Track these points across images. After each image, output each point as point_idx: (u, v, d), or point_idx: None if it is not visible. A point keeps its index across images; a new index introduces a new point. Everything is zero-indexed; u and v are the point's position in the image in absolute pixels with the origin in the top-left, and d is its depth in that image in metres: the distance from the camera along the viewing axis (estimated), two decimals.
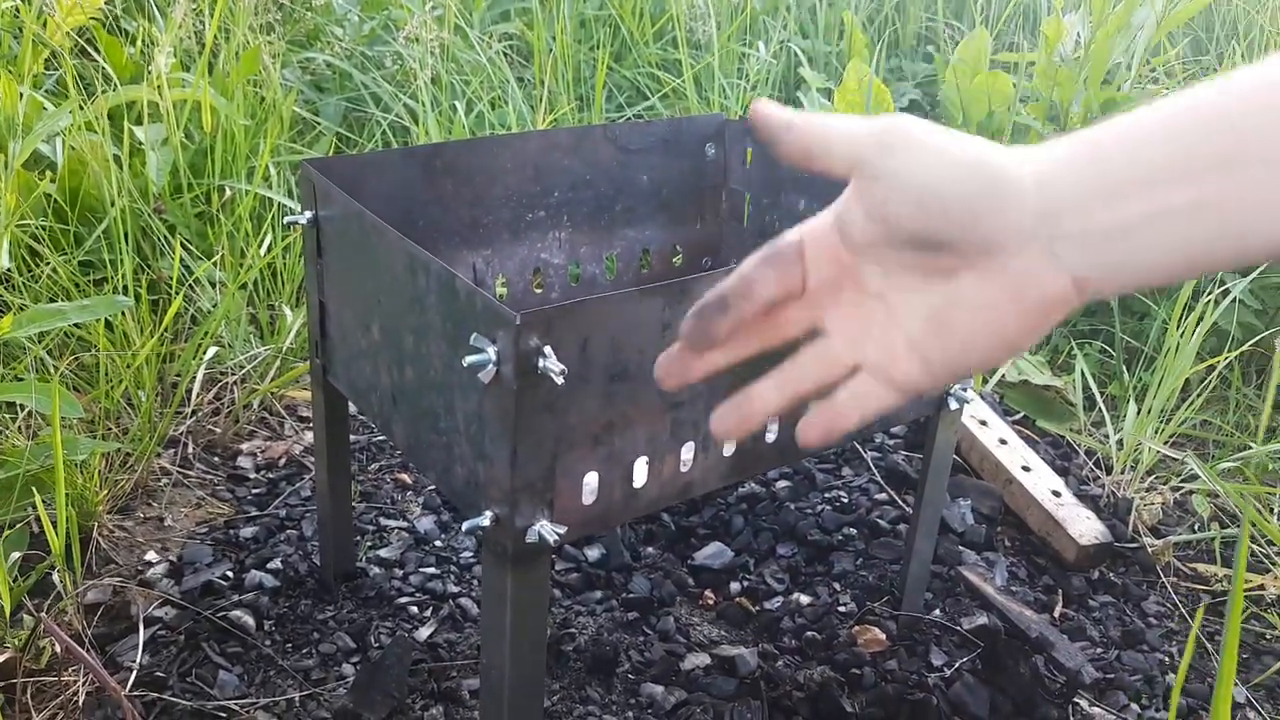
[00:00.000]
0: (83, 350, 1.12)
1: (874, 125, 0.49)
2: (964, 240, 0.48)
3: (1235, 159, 0.43)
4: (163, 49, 1.27)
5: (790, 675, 0.95)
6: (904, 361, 0.52)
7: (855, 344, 0.53)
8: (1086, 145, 0.47)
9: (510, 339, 0.60)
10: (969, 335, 0.50)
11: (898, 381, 0.52)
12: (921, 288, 0.50)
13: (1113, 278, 0.47)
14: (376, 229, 0.72)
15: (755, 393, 0.55)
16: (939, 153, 0.48)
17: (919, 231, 0.48)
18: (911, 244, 0.49)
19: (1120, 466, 1.32)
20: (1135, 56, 1.75)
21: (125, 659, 0.87)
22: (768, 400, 0.55)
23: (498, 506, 0.66)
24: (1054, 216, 0.46)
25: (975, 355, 0.51)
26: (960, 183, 0.47)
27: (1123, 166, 0.45)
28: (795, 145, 0.52)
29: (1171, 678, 1.03)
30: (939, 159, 0.48)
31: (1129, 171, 0.45)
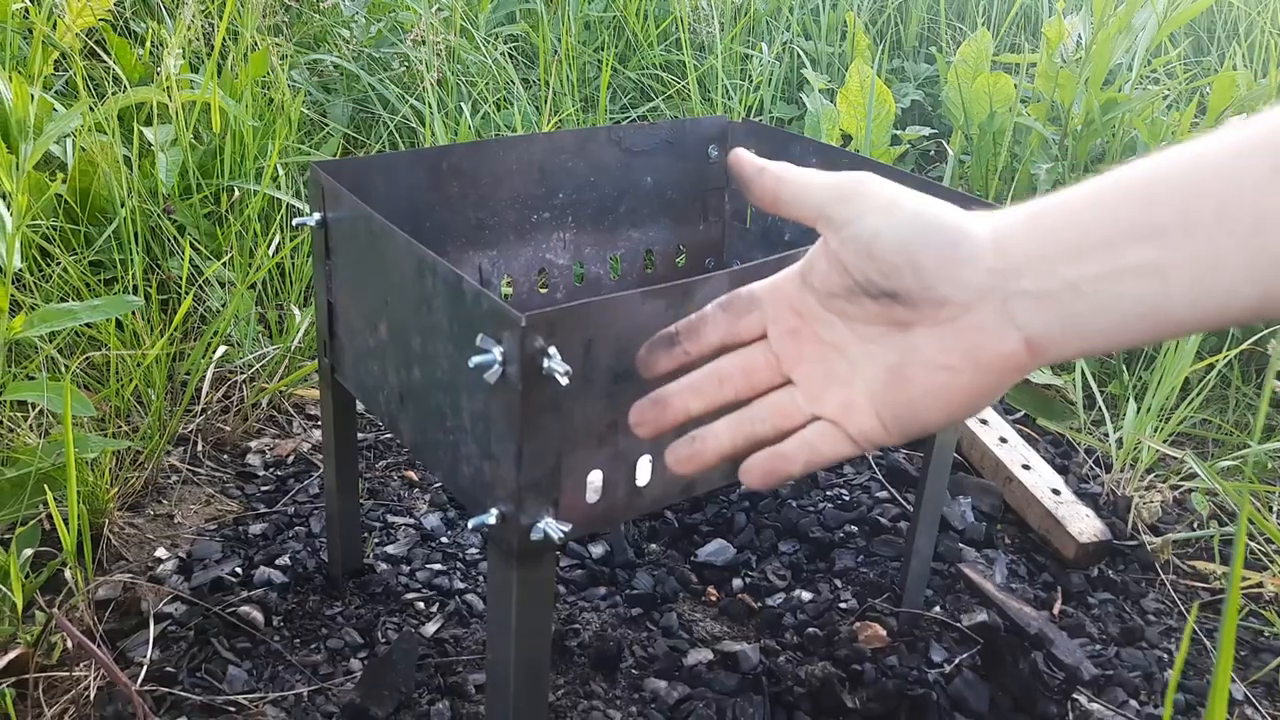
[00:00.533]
0: (93, 349, 1.13)
1: (836, 178, 0.52)
2: (914, 292, 0.49)
3: (1197, 221, 0.43)
4: (171, 51, 1.28)
5: (792, 671, 0.96)
6: (863, 415, 0.53)
7: (816, 395, 0.55)
8: (1047, 206, 0.48)
9: (516, 340, 0.61)
10: (925, 392, 0.51)
11: (854, 435, 0.54)
12: (880, 340, 0.52)
13: (1068, 339, 0.47)
14: (385, 231, 0.74)
15: (710, 431, 0.57)
16: (892, 205, 0.50)
17: (870, 280, 0.50)
18: (867, 293, 0.51)
19: (1120, 465, 1.33)
20: (1136, 58, 1.76)
21: (136, 654, 0.88)
22: (720, 439, 0.57)
23: (503, 504, 0.67)
24: (1010, 274, 0.47)
25: (931, 413, 0.51)
26: (910, 235, 0.49)
27: (1084, 226, 0.46)
28: (765, 191, 0.55)
29: (1170, 674, 1.04)
30: (892, 211, 0.50)
31: (1090, 231, 0.45)
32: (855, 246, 0.50)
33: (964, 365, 0.49)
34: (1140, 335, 0.46)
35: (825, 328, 0.54)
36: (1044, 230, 0.47)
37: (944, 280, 0.48)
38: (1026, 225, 0.47)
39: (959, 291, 0.48)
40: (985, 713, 0.94)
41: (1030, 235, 0.47)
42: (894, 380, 0.51)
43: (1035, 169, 1.76)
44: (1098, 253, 0.45)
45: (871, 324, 0.52)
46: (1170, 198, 0.43)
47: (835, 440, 0.54)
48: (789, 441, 0.56)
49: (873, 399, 0.52)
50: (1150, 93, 1.75)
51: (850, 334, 0.53)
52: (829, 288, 0.52)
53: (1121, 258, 0.44)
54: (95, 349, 1.13)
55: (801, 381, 0.55)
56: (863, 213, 0.50)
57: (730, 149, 1.11)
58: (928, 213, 0.49)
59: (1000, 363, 0.48)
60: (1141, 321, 0.45)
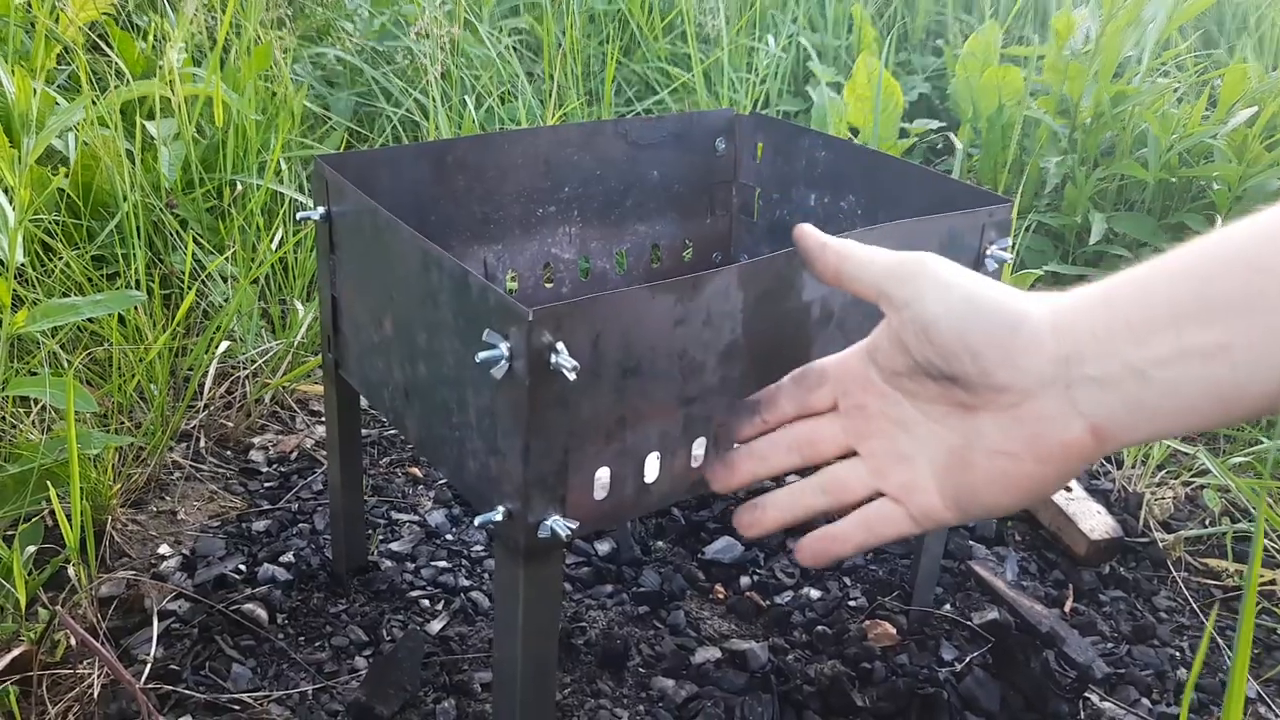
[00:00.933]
0: (96, 344, 1.12)
1: (897, 257, 0.52)
2: (973, 378, 0.48)
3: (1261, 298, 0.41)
4: (175, 44, 1.27)
5: (801, 669, 0.95)
6: (926, 495, 0.52)
7: (882, 469, 0.54)
8: (1109, 287, 0.46)
9: (523, 335, 0.60)
10: (988, 478, 0.49)
11: (916, 514, 0.53)
12: (944, 420, 0.51)
13: (1137, 425, 0.45)
14: (390, 225, 0.73)
15: (771, 500, 0.59)
16: (951, 288, 0.49)
17: (929, 363, 0.50)
18: (929, 375, 0.50)
19: (1131, 461, 1.32)
20: (1146, 50, 1.74)
21: (139, 652, 0.87)
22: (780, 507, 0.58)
23: (510, 501, 0.66)
24: (1074, 360, 0.46)
25: (994, 498, 0.50)
26: (968, 320, 0.48)
27: (1145, 308, 0.44)
28: (828, 267, 0.56)
29: (1183, 672, 1.03)
30: (950, 294, 0.49)
31: (1151, 312, 0.44)
32: (915, 329, 0.50)
33: (1026, 453, 0.48)
34: (1210, 417, 0.44)
35: (891, 404, 0.54)
36: (1105, 313, 0.45)
37: (1003, 367, 0.47)
38: (1087, 307, 0.46)
39: (1020, 378, 0.47)
40: (996, 712, 0.93)
41: (1091, 318, 0.46)
42: (957, 462, 0.51)
43: (1044, 163, 1.75)
44: (1161, 335, 0.43)
45: (936, 403, 0.51)
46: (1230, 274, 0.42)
47: (895, 519, 0.54)
48: (844, 521, 0.56)
49: (936, 479, 0.52)
50: (1160, 85, 1.73)
51: (916, 412, 0.52)
52: (893, 366, 0.53)
53: (1185, 339, 0.42)
54: (98, 344, 1.12)
55: (867, 455, 0.55)
56: (922, 294, 0.50)
57: (738, 142, 1.10)
58: (985, 295, 0.48)
59: (1063, 451, 0.47)
60: (1211, 403, 0.43)
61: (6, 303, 0.85)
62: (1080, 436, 0.46)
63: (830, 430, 0.57)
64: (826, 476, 0.57)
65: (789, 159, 1.05)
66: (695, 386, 0.70)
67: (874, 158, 0.97)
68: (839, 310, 0.75)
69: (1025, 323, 0.47)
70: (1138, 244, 1.71)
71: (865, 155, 0.98)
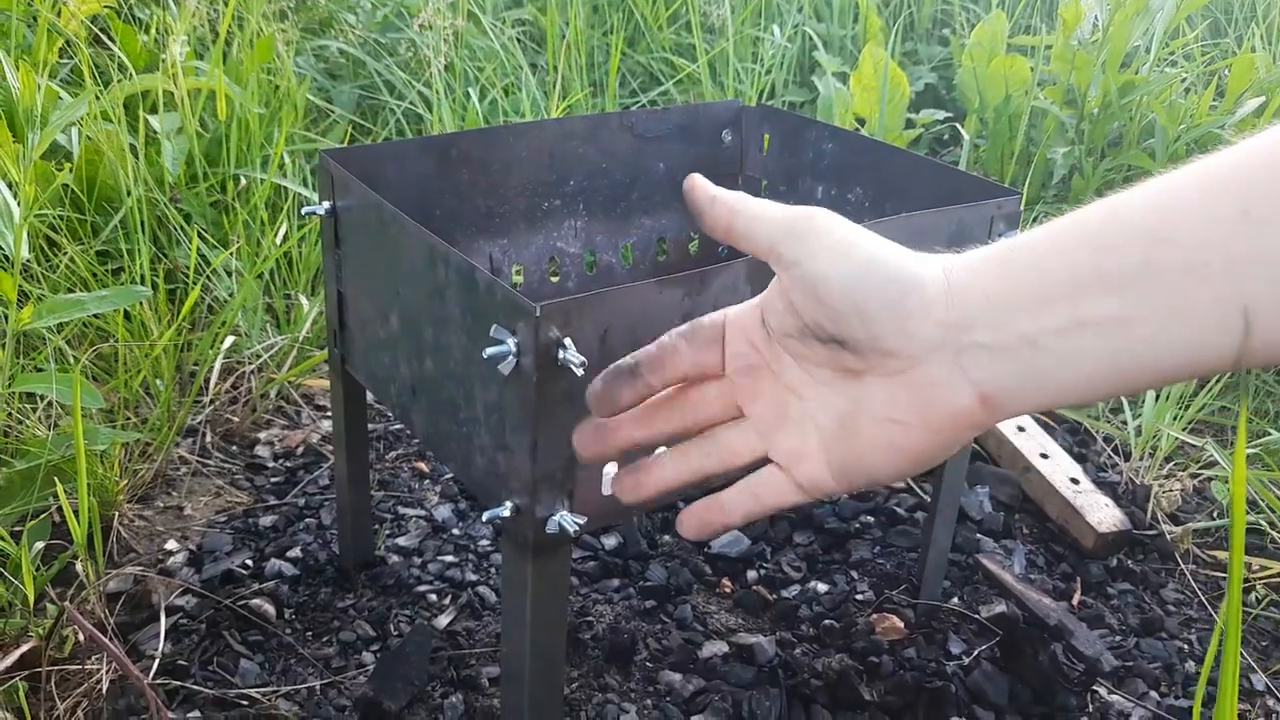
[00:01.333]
0: (101, 339, 1.12)
1: (790, 212, 0.49)
2: (861, 342, 0.46)
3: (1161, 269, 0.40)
4: (177, 37, 1.27)
5: (808, 663, 0.95)
6: (813, 461, 0.50)
7: (768, 435, 0.52)
8: (1005, 250, 0.45)
9: (530, 330, 0.60)
10: (874, 445, 0.48)
11: (802, 482, 0.51)
12: (832, 385, 0.49)
13: (1026, 394, 0.44)
14: (396, 220, 0.72)
15: (655, 462, 0.55)
16: (843, 247, 0.47)
17: (819, 324, 0.47)
18: (816, 337, 0.48)
19: (1139, 453, 1.31)
20: (1154, 39, 1.73)
21: (147, 647, 0.88)
22: (664, 471, 0.55)
23: (518, 497, 0.66)
24: (963, 327, 0.44)
25: (880, 466, 0.49)
26: (859, 281, 0.46)
27: (1041, 274, 0.43)
28: (719, 221, 0.52)
29: (1191, 665, 1.03)
30: (841, 253, 0.47)
31: (1048, 280, 0.42)
32: (803, 288, 0.48)
33: (914, 420, 0.47)
34: (1103, 389, 0.43)
35: (782, 367, 0.51)
36: (1000, 279, 0.44)
37: (891, 332, 0.46)
38: (982, 273, 0.45)
39: (907, 344, 0.45)
40: (1004, 705, 0.93)
41: (985, 284, 0.44)
42: (844, 430, 0.49)
43: (1051, 153, 1.74)
44: (1056, 304, 0.42)
45: (824, 367, 0.49)
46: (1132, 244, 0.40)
47: (781, 488, 0.52)
48: (729, 491, 0.54)
49: (824, 447, 0.50)
50: (1168, 75, 1.72)
51: (805, 376, 0.50)
52: (783, 327, 0.50)
53: (1081, 309, 0.41)
54: (103, 339, 1.12)
55: (754, 418, 0.53)
56: (813, 253, 0.47)
57: (744, 134, 1.09)
58: (878, 257, 0.46)
59: (952, 419, 0.46)
60: (1104, 375, 0.42)
61: (13, 298, 0.85)
62: (969, 404, 0.45)
63: (717, 391, 0.54)
64: (713, 439, 0.54)
65: (795, 151, 1.04)
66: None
67: (881, 150, 0.97)
68: None
69: (917, 286, 0.45)
70: None
71: (872, 147, 0.97)
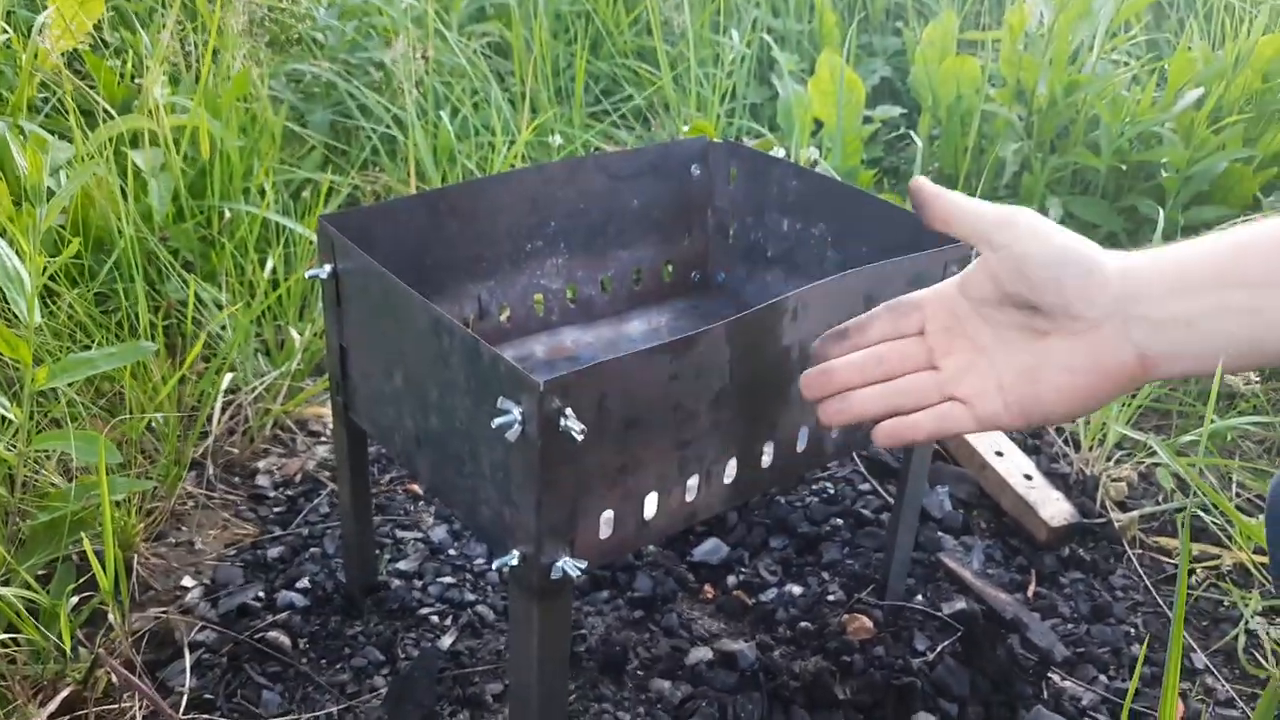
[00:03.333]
0: (104, 381, 1.17)
1: (1000, 210, 0.64)
2: (1053, 307, 0.61)
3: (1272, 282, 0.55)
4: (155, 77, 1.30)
5: (786, 666, 1.03)
6: (992, 401, 0.65)
7: (957, 379, 0.66)
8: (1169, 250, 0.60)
9: (534, 402, 0.66)
10: (1051, 389, 0.62)
11: (981, 415, 0.65)
12: (1020, 344, 0.64)
13: (1174, 359, 0.59)
14: (400, 292, 0.78)
15: (860, 395, 0.68)
16: (1043, 236, 0.62)
17: (1019, 294, 0.62)
18: (1014, 304, 0.63)
19: (1088, 444, 1.40)
20: (1097, 38, 1.80)
21: (175, 683, 0.94)
22: (866, 403, 0.68)
23: (524, 546, 0.72)
24: (1132, 301, 0.59)
25: (1053, 407, 0.63)
26: (1054, 260, 0.61)
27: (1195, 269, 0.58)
28: (940, 212, 0.65)
29: (1137, 648, 1.12)
30: (1042, 241, 0.61)
31: (1199, 274, 0.58)
32: (1010, 265, 0.62)
33: (1088, 369, 0.61)
34: (1237, 362, 0.58)
35: (974, 330, 0.66)
36: (1160, 270, 0.59)
37: (1078, 299, 0.60)
38: (1147, 263, 0.59)
39: (1089, 309, 0.60)
40: (966, 696, 1.01)
41: (1149, 272, 0.59)
42: (1026, 377, 0.63)
43: (1002, 150, 1.82)
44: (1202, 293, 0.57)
45: (1013, 330, 0.64)
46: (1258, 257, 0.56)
47: (961, 418, 0.66)
48: (921, 413, 0.67)
49: (1003, 390, 0.64)
50: (1109, 73, 1.80)
51: (994, 337, 0.65)
52: (983, 296, 0.64)
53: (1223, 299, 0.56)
54: (106, 380, 1.16)
55: (946, 369, 0.67)
56: (1019, 238, 0.62)
57: (712, 168, 1.15)
58: (1071, 245, 0.61)
59: (1118, 370, 0.60)
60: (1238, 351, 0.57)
61: (28, 362, 0.90)
62: (1130, 361, 0.60)
63: (915, 349, 0.68)
64: (908, 381, 0.68)
65: (762, 186, 1.11)
66: (689, 431, 0.76)
67: (842, 191, 1.03)
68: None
69: (1100, 267, 0.60)
70: (1093, 227, 1.79)
71: (834, 187, 1.04)
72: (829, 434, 0.89)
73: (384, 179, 1.63)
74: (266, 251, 1.36)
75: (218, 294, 1.28)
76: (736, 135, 1.97)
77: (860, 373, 0.69)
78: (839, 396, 0.69)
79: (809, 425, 0.86)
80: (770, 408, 0.82)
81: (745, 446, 0.82)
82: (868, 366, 0.69)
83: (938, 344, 0.68)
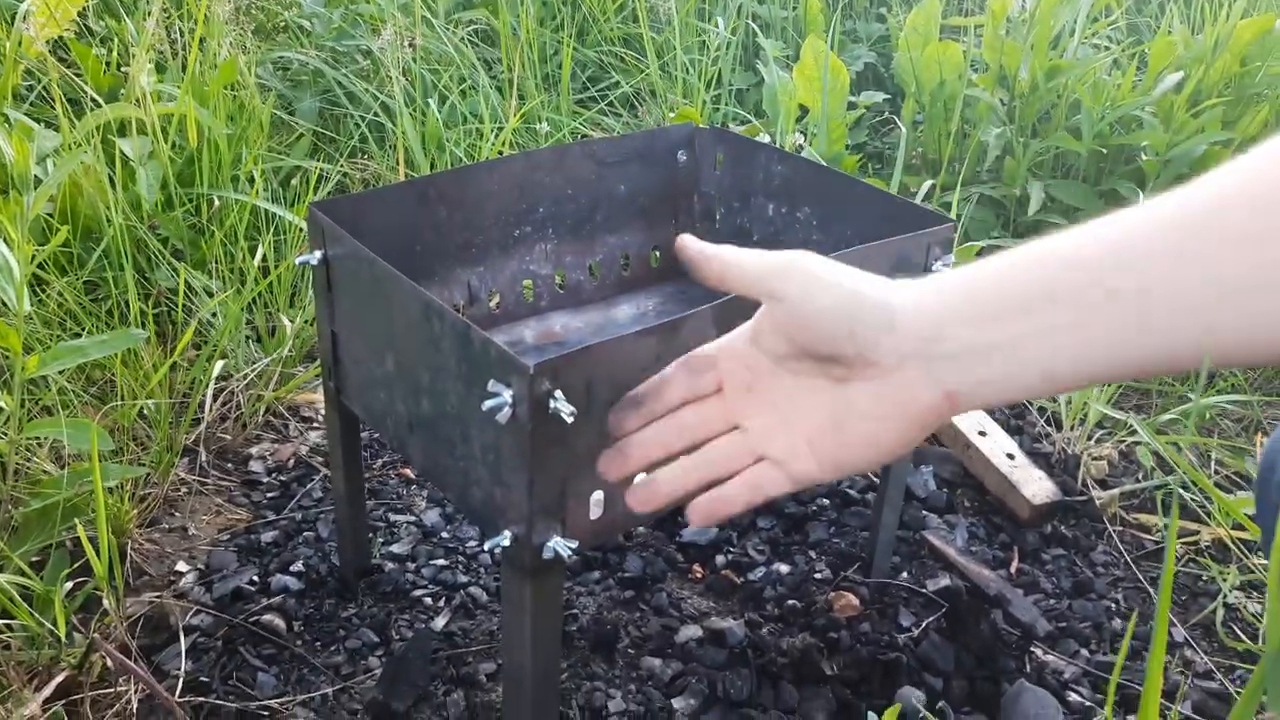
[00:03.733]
0: (95, 369, 1.17)
1: (778, 258, 0.60)
2: (850, 357, 0.57)
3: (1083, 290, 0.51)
4: (141, 65, 1.30)
5: (774, 642, 1.05)
6: (803, 459, 0.62)
7: (765, 439, 0.63)
8: (962, 277, 0.56)
9: (524, 385, 0.67)
10: (858, 439, 0.59)
11: (795, 475, 0.62)
12: (821, 395, 0.60)
13: (981, 391, 0.55)
14: (390, 276, 0.79)
15: (665, 475, 0.65)
16: (826, 283, 0.58)
17: (810, 345, 0.59)
18: (809, 355, 0.59)
19: (1069, 423, 1.42)
20: (1079, 22, 1.82)
21: (170, 667, 0.95)
22: (674, 482, 0.65)
23: (516, 527, 0.74)
24: (932, 340, 0.55)
25: (863, 455, 0.60)
26: (841, 308, 0.57)
27: (991, 295, 0.54)
28: (713, 272, 0.63)
29: (1118, 623, 1.14)
30: (825, 288, 0.58)
31: (996, 299, 0.54)
32: (795, 318, 0.59)
33: (894, 415, 0.58)
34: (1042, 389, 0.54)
35: (773, 384, 0.62)
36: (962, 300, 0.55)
37: (875, 347, 0.57)
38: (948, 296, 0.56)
39: (888, 356, 0.57)
40: (951, 671, 1.04)
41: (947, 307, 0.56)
42: (831, 427, 0.60)
43: (985, 135, 1.83)
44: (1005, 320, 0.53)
45: (814, 378, 0.60)
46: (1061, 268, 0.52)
47: (776, 480, 0.63)
48: (731, 484, 0.64)
49: (811, 444, 0.61)
50: (1090, 58, 1.82)
51: (794, 388, 0.61)
52: (776, 350, 0.61)
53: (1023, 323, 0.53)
54: (97, 368, 1.17)
55: (752, 429, 0.64)
56: (802, 289, 0.58)
57: (698, 154, 1.17)
58: (860, 289, 0.58)
59: (923, 413, 0.57)
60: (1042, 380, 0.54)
61: (18, 349, 0.90)
62: (936, 399, 0.56)
63: (715, 411, 0.65)
64: (715, 449, 0.65)
65: (747, 171, 1.12)
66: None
67: (826, 175, 1.05)
68: None
69: (895, 312, 0.56)
70: (1074, 210, 1.81)
71: (819, 171, 1.05)
72: None
73: (372, 167, 1.64)
74: (256, 239, 1.36)
75: (208, 281, 1.29)
76: (722, 122, 1.99)
77: (662, 447, 0.65)
78: (644, 479, 0.65)
79: None
80: None
81: None
82: (669, 437, 0.65)
83: (737, 403, 0.64)
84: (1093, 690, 1.04)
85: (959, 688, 1.02)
